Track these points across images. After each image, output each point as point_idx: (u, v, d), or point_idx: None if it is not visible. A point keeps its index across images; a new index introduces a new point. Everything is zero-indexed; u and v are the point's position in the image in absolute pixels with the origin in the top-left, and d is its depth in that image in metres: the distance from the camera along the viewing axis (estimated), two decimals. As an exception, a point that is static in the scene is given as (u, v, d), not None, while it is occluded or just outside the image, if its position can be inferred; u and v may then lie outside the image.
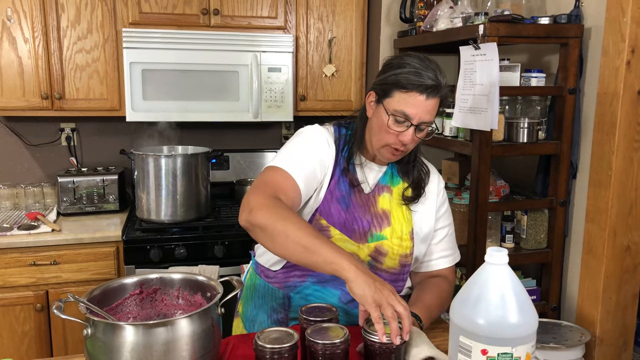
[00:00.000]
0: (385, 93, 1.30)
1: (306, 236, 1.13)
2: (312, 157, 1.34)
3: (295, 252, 1.14)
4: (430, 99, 1.27)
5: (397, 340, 1.06)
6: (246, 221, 1.20)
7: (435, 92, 1.27)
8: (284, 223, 1.15)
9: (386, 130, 1.30)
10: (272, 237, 1.16)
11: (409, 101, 1.27)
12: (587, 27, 1.90)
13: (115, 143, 2.89)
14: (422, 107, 1.27)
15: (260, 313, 1.48)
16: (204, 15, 2.58)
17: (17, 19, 2.40)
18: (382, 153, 1.36)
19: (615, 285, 1.86)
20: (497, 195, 2.04)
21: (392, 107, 1.29)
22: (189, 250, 2.39)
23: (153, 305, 1.23)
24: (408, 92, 1.26)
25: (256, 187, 1.27)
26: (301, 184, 1.30)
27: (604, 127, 1.81)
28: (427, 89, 1.26)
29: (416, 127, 1.29)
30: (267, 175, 1.30)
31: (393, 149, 1.33)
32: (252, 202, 1.20)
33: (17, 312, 2.31)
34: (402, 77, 1.27)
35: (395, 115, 1.28)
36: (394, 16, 2.68)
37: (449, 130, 2.10)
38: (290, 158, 1.33)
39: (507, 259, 0.96)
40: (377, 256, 1.39)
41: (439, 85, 1.27)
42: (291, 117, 2.68)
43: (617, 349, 1.91)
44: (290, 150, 1.36)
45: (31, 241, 2.28)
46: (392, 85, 1.29)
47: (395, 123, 1.29)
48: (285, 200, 1.24)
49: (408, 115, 1.28)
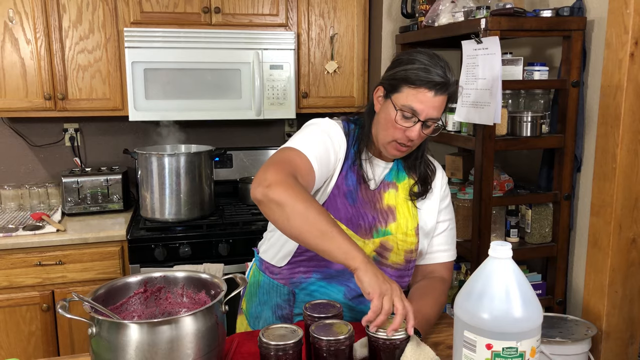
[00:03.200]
0: (394, 88, 1.31)
1: (325, 221, 1.13)
2: (327, 145, 1.34)
3: (311, 234, 1.13)
4: (438, 96, 1.28)
5: (399, 335, 1.07)
6: (263, 195, 1.16)
7: (443, 89, 1.28)
8: (305, 205, 1.13)
9: (393, 125, 1.31)
10: (290, 216, 1.14)
11: (417, 97, 1.28)
12: (590, 19, 1.89)
13: (118, 143, 2.90)
14: (430, 104, 1.28)
15: (265, 309, 1.48)
16: (205, 14, 2.58)
17: (19, 20, 2.40)
18: (388, 149, 1.36)
19: (621, 279, 1.85)
20: (501, 189, 2.03)
21: (400, 103, 1.29)
22: (193, 249, 2.39)
23: (157, 304, 1.23)
24: (416, 88, 1.27)
25: (273, 163, 1.24)
26: (316, 168, 1.29)
27: (608, 119, 1.80)
28: (435, 86, 1.27)
29: (423, 123, 1.30)
30: (285, 154, 1.28)
31: (399, 145, 1.33)
32: (270, 178, 1.17)
33: (24, 312, 2.32)
34: (411, 73, 1.28)
35: (403, 110, 1.29)
36: (395, 11, 2.68)
37: (452, 125, 2.10)
38: (307, 142, 1.31)
39: (511, 252, 0.96)
40: (383, 251, 1.39)
41: (448, 82, 1.28)
42: (294, 114, 2.68)
43: (624, 343, 1.90)
44: (307, 135, 1.34)
45: (36, 241, 2.29)
46: (400, 81, 1.29)
47: (402, 118, 1.30)
48: (302, 181, 1.23)
49: (416, 111, 1.28)
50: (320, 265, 1.38)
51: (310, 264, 1.38)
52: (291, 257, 1.40)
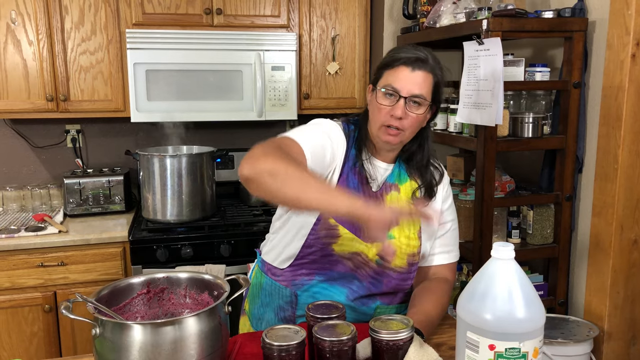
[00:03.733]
0: (377, 78, 1.37)
1: (321, 183, 1.12)
2: (324, 142, 1.33)
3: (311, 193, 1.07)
4: (417, 71, 1.31)
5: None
6: (252, 168, 1.09)
7: (421, 65, 1.31)
8: (297, 167, 1.10)
9: (379, 108, 1.33)
10: (285, 180, 1.08)
11: (395, 75, 1.32)
12: (592, 20, 1.89)
13: (120, 144, 2.90)
14: (410, 79, 1.31)
15: (268, 311, 1.48)
16: (207, 15, 2.58)
17: (21, 21, 2.41)
18: (380, 135, 1.36)
19: (622, 280, 1.85)
20: (503, 190, 2.03)
21: (381, 85, 1.34)
22: (195, 250, 2.40)
23: (160, 305, 1.24)
24: (394, 68, 1.33)
25: (263, 144, 1.18)
26: (309, 158, 1.26)
27: (609, 120, 1.81)
28: (411, 61, 1.31)
29: (406, 100, 1.31)
30: (278, 140, 1.26)
31: (388, 128, 1.33)
32: (257, 152, 1.12)
33: (26, 313, 2.32)
34: (387, 58, 1.36)
35: (385, 89, 1.33)
36: (397, 12, 2.68)
37: (454, 126, 2.10)
38: (303, 134, 1.31)
39: (513, 253, 0.96)
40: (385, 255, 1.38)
41: (425, 58, 1.32)
42: (295, 115, 2.68)
43: (626, 344, 1.90)
44: (304, 129, 1.35)
45: (38, 242, 2.29)
46: (381, 69, 1.36)
47: (384, 97, 1.33)
48: None
49: (396, 88, 1.31)
50: (323, 268, 1.38)
51: (313, 266, 1.38)
52: (294, 259, 1.39)
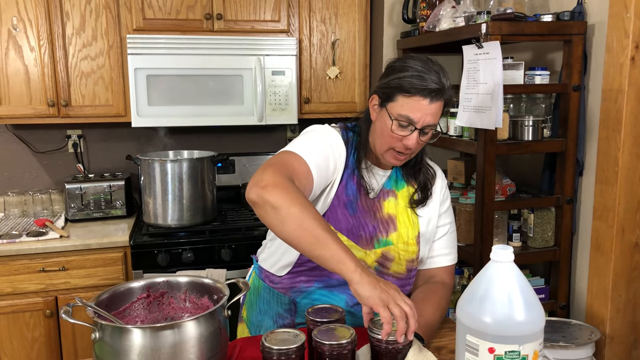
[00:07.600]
0: (389, 97, 1.29)
1: (320, 228, 1.10)
2: (327, 152, 1.32)
3: (305, 240, 1.10)
4: (434, 102, 1.26)
5: (402, 339, 1.06)
6: (258, 196, 1.14)
7: (439, 96, 1.26)
8: (300, 209, 1.11)
9: (390, 134, 1.29)
10: (284, 219, 1.11)
11: (412, 105, 1.25)
12: (591, 23, 1.90)
13: (121, 149, 2.91)
14: (426, 111, 1.26)
15: (266, 319, 1.47)
16: (208, 20, 2.59)
17: (23, 27, 2.42)
18: (386, 157, 1.34)
19: (624, 283, 1.85)
20: (503, 194, 2.03)
21: (395, 112, 1.27)
22: (196, 255, 2.40)
23: (160, 309, 1.24)
24: (411, 96, 1.25)
25: (270, 165, 1.21)
26: (315, 174, 1.26)
27: (609, 123, 1.81)
28: (430, 93, 1.24)
29: (420, 130, 1.28)
30: (283, 157, 1.26)
31: (396, 153, 1.32)
32: (266, 179, 1.15)
33: (27, 318, 2.32)
34: (405, 81, 1.25)
35: (399, 120, 1.27)
36: (396, 17, 2.69)
37: (454, 130, 2.10)
38: (307, 147, 1.29)
39: (512, 256, 0.96)
40: (384, 262, 1.38)
41: (443, 88, 1.26)
42: (296, 119, 2.68)
43: (627, 347, 1.90)
44: (306, 141, 1.32)
45: (40, 247, 2.30)
46: (395, 90, 1.27)
47: (399, 127, 1.28)
48: (299, 185, 1.20)
49: (412, 120, 1.26)
50: (321, 275, 1.37)
51: (312, 273, 1.38)
52: (292, 266, 1.39)
